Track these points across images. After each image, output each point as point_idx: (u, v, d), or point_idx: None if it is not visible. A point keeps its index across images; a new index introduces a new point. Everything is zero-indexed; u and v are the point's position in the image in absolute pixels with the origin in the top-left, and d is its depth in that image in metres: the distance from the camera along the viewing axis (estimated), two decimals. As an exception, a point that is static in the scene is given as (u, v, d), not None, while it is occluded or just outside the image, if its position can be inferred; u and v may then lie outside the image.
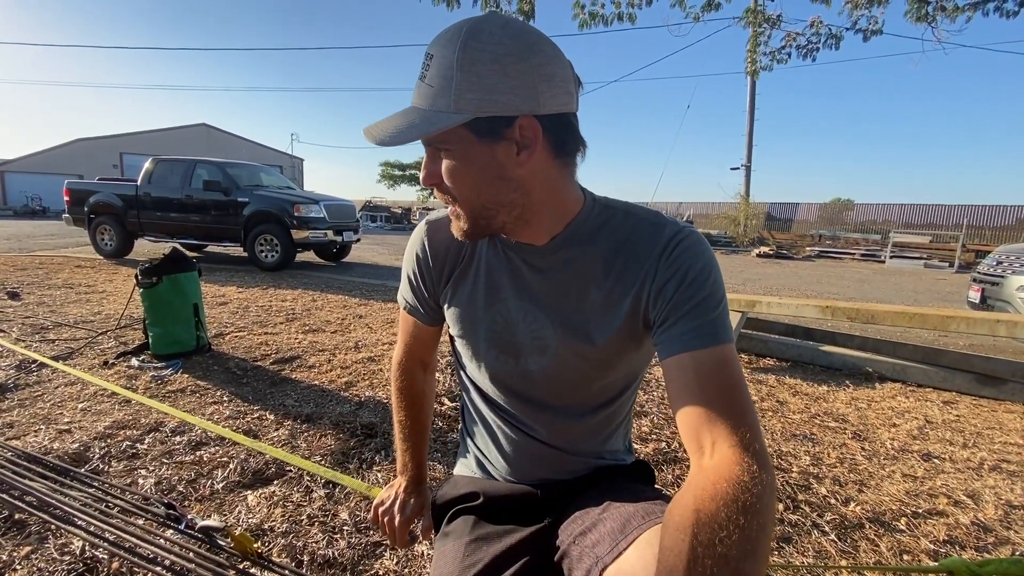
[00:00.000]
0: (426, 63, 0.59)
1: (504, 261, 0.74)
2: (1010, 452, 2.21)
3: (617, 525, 0.63)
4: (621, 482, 0.77)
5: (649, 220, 0.69)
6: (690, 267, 0.63)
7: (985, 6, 3.78)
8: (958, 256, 13.11)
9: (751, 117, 18.56)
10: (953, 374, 3.02)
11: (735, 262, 12.86)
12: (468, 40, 0.56)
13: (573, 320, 0.70)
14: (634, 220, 0.69)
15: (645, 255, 0.66)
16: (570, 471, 0.79)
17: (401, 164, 33.91)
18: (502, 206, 0.65)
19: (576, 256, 0.70)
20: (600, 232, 0.70)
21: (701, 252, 0.65)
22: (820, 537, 1.57)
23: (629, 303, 0.67)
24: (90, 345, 3.24)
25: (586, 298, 0.69)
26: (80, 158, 28.78)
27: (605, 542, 0.62)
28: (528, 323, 0.72)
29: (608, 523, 0.65)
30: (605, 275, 0.69)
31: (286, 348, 3.37)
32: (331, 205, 7.62)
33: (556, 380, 0.74)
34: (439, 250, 0.78)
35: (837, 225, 19.29)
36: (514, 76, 0.56)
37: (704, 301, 0.62)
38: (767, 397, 2.78)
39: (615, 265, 0.68)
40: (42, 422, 2.12)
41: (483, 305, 0.75)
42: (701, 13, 4.50)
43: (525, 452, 0.78)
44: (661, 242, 0.66)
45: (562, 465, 0.78)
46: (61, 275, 5.99)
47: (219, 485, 1.71)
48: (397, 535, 0.87)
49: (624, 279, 0.67)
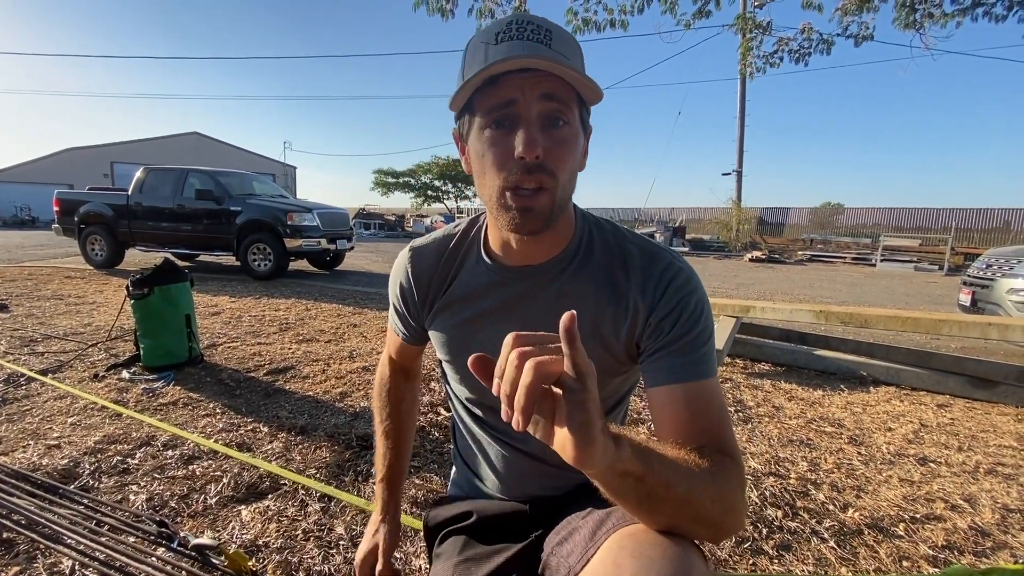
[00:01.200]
0: (544, 33, 0.58)
1: (492, 286, 0.72)
2: (1005, 455, 2.22)
3: (589, 532, 0.63)
4: None
5: (641, 248, 0.69)
6: (687, 304, 0.65)
7: (974, 11, 3.84)
8: (947, 259, 13.25)
9: (742, 123, 18.74)
10: (946, 377, 3.03)
11: (728, 267, 12.93)
12: (572, 35, 0.61)
13: None
14: (627, 246, 0.70)
15: (641, 286, 0.67)
16: (561, 487, 0.78)
17: (394, 172, 33.85)
18: (569, 200, 0.65)
19: (569, 282, 0.70)
20: (592, 257, 0.70)
21: (696, 287, 0.67)
22: (820, 544, 1.56)
23: (625, 330, 0.68)
24: (80, 357, 3.20)
25: (582, 321, 0.69)
26: (70, 167, 28.59)
27: (577, 550, 0.62)
28: None
29: (582, 531, 0.65)
30: (598, 302, 0.68)
31: (279, 358, 3.34)
32: (324, 213, 7.60)
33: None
34: (422, 278, 0.77)
35: (828, 229, 19.46)
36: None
37: (698, 336, 0.64)
38: (763, 403, 2.78)
39: (608, 293, 0.68)
40: (31, 437, 2.08)
41: (471, 330, 0.74)
42: (692, 20, 4.55)
43: (516, 470, 0.78)
44: (656, 273, 0.67)
45: (552, 481, 0.78)
46: (50, 286, 5.92)
47: (212, 500, 1.68)
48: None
49: (618, 307, 0.68)
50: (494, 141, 0.59)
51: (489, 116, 0.59)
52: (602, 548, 0.58)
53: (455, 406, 0.85)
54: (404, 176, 33.56)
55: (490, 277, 0.72)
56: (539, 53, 0.56)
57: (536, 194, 0.59)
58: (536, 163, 0.58)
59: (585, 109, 0.62)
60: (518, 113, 0.58)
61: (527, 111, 0.58)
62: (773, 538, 1.58)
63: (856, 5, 4.03)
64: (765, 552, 1.52)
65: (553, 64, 0.55)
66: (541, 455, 0.76)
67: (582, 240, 0.70)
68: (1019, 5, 3.53)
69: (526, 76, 0.56)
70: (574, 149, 0.61)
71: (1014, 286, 4.25)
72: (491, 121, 0.59)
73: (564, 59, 0.57)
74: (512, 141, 0.58)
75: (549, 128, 0.59)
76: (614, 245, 0.70)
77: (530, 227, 0.61)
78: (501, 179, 0.59)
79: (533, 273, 0.70)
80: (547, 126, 0.59)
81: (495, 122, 0.59)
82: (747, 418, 2.55)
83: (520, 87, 0.57)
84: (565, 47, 0.59)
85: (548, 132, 0.58)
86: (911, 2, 3.79)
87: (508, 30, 0.58)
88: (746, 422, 2.50)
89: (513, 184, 0.59)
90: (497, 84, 0.57)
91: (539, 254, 0.69)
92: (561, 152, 0.59)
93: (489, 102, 0.59)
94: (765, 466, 2.04)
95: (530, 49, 0.56)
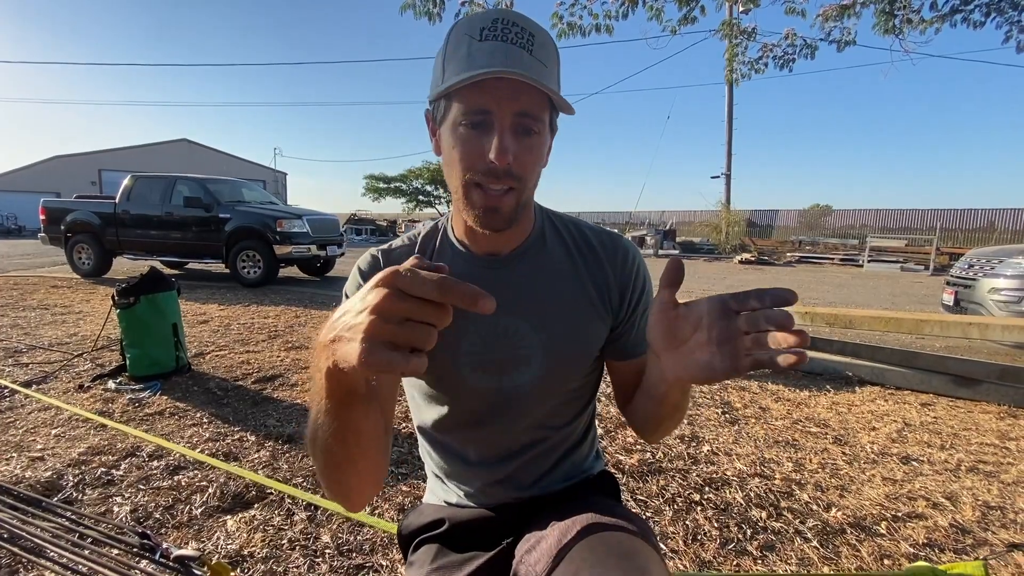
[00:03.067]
0: (527, 38, 0.59)
1: (466, 271, 0.73)
2: (986, 453, 2.26)
3: (555, 540, 0.65)
4: (580, 495, 0.77)
5: (597, 228, 0.79)
6: (646, 276, 0.77)
7: (952, 17, 3.92)
8: (933, 259, 13.42)
9: (730, 127, 18.92)
10: (930, 376, 3.08)
11: (718, 268, 13.02)
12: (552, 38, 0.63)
13: (553, 322, 0.72)
14: (581, 225, 0.79)
15: (607, 258, 0.75)
16: (535, 490, 0.78)
17: (386, 177, 33.81)
18: (532, 197, 0.69)
19: (539, 263, 0.74)
20: (556, 237, 0.77)
21: (644, 262, 0.79)
22: (803, 544, 1.58)
23: (599, 299, 0.74)
24: (65, 368, 3.17)
25: (561, 299, 0.73)
26: (57, 175, 28.30)
27: (544, 559, 0.63)
28: (509, 337, 0.71)
29: (549, 539, 0.66)
30: (573, 276, 0.74)
31: (268, 366, 3.32)
32: (314, 220, 7.58)
33: (536, 391, 0.73)
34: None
35: (816, 230, 19.66)
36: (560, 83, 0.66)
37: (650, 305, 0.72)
38: (750, 404, 2.81)
39: (579, 266, 0.75)
40: (14, 450, 2.06)
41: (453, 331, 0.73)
42: (678, 26, 4.60)
43: (487, 476, 0.77)
44: (620, 249, 0.76)
45: (526, 486, 0.78)
46: (36, 296, 5.86)
47: (197, 511, 1.67)
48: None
49: (592, 278, 0.75)
50: (467, 139, 0.61)
51: (465, 115, 0.61)
52: (566, 559, 0.60)
53: (421, 415, 0.81)
54: (395, 181, 33.49)
55: (463, 263, 0.73)
56: (520, 64, 0.58)
57: (504, 195, 0.63)
58: (505, 169, 0.60)
59: (555, 112, 0.66)
60: (493, 120, 0.60)
61: (502, 119, 0.60)
62: (757, 539, 1.60)
63: (837, 11, 4.10)
64: (749, 553, 1.54)
65: (532, 80, 0.57)
66: (516, 462, 0.76)
67: (543, 229, 0.76)
68: (996, 11, 3.60)
69: (506, 83, 0.58)
70: (541, 155, 0.65)
71: (995, 285, 4.33)
72: (467, 120, 0.61)
73: (543, 67, 0.60)
74: (484, 143, 0.60)
75: (521, 136, 0.61)
76: (573, 231, 0.78)
77: (494, 225, 0.65)
78: (469, 174, 0.62)
79: (502, 261, 0.73)
80: (519, 133, 0.61)
81: (471, 122, 0.61)
82: (734, 420, 2.57)
83: (497, 97, 0.59)
84: (545, 55, 0.61)
85: (519, 139, 0.61)
86: (891, 8, 3.86)
87: (493, 27, 0.59)
88: (733, 423, 2.52)
89: (479, 182, 0.62)
90: (477, 87, 0.59)
91: (504, 244, 0.73)
92: (529, 159, 0.62)
93: (466, 102, 0.60)
94: (751, 467, 2.06)
95: (513, 57, 0.58)
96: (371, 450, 0.53)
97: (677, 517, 1.71)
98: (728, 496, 1.85)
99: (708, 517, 1.71)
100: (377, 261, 0.74)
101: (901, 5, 3.87)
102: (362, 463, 0.53)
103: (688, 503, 1.80)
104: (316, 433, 0.50)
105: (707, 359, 0.50)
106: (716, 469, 2.05)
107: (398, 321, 0.36)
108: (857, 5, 4.01)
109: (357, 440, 0.50)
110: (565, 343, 0.72)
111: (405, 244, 0.78)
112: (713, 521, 1.69)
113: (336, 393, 0.45)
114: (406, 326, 0.36)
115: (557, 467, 0.79)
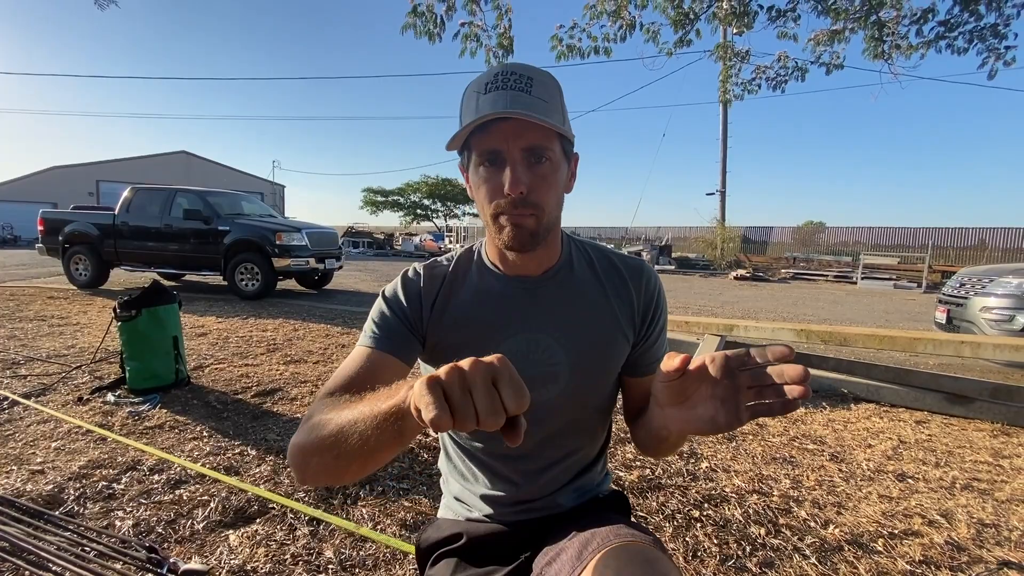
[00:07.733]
0: (525, 81, 0.67)
1: (498, 291, 0.78)
2: (980, 470, 2.28)
3: (575, 552, 0.67)
4: (594, 512, 0.80)
5: (620, 257, 0.84)
6: (664, 298, 0.84)
7: (937, 43, 4.04)
8: (925, 276, 13.57)
9: (724, 145, 19.19)
10: (924, 394, 3.12)
11: (713, 284, 13.10)
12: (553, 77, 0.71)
13: (580, 341, 0.77)
14: (606, 251, 0.85)
15: (631, 281, 0.81)
16: (550, 508, 0.81)
17: (384, 190, 33.98)
18: (556, 222, 0.75)
19: (568, 284, 0.79)
20: (583, 261, 0.82)
21: (663, 286, 0.85)
22: (801, 561, 1.60)
23: (624, 319, 0.79)
24: (64, 380, 3.16)
25: (588, 319, 0.78)
26: (55, 186, 28.24)
27: (565, 569, 0.66)
28: (539, 353, 0.76)
29: (569, 551, 0.68)
30: (599, 297, 0.79)
31: (267, 380, 3.32)
32: (313, 232, 7.61)
33: (561, 407, 0.77)
34: (435, 282, 0.79)
35: (810, 247, 19.83)
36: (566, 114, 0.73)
37: (664, 326, 0.84)
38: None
39: (605, 288, 0.80)
40: (13, 463, 2.06)
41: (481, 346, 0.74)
42: (674, 48, 4.71)
43: (506, 493, 0.80)
44: (644, 273, 0.82)
45: (543, 503, 0.81)
46: (33, 307, 5.84)
47: (200, 525, 1.68)
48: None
49: (618, 299, 0.80)
50: (486, 177, 0.70)
51: (481, 156, 0.69)
52: (588, 567, 0.62)
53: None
54: (393, 195, 33.70)
55: (496, 282, 0.79)
56: (519, 104, 0.65)
57: (526, 219, 0.70)
58: (521, 198, 0.67)
59: (567, 140, 0.72)
60: (505, 158, 0.68)
61: (512, 155, 0.67)
62: (756, 555, 1.62)
63: (828, 36, 4.22)
64: (749, 569, 1.55)
65: (527, 115, 0.64)
66: (533, 480, 0.79)
67: (571, 254, 0.82)
68: (978, 38, 3.73)
69: (510, 123, 0.66)
70: (556, 181, 0.71)
71: (987, 304, 4.39)
72: (483, 160, 0.69)
73: (543, 103, 0.67)
74: (501, 178, 0.68)
75: (533, 165, 0.68)
76: (599, 256, 0.84)
77: (521, 243, 0.70)
78: (493, 207, 0.70)
79: (533, 282, 0.79)
80: (531, 162, 0.68)
81: (487, 161, 0.69)
82: (731, 436, 2.59)
83: (504, 135, 0.67)
84: (544, 92, 0.68)
85: (532, 168, 0.68)
86: (879, 35, 3.98)
87: (495, 81, 0.67)
88: (730, 440, 2.55)
89: (503, 212, 0.70)
90: (486, 131, 0.67)
91: (534, 267, 0.78)
92: (542, 186, 0.69)
93: (480, 146, 0.69)
94: (749, 484, 2.08)
95: (512, 99, 0.66)
96: (371, 466, 0.56)
97: (677, 533, 1.73)
98: (727, 513, 1.87)
99: (708, 533, 1.73)
100: (418, 275, 0.81)
101: (889, 32, 3.99)
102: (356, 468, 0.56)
103: (688, 519, 1.82)
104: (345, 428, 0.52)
105: (711, 414, 0.55)
106: (715, 486, 2.07)
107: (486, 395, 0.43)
108: (846, 31, 4.13)
109: (376, 457, 0.54)
110: (591, 361, 0.77)
111: (443, 264, 0.83)
112: (713, 538, 1.71)
113: (410, 430, 0.49)
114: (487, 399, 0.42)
115: (572, 483, 0.82)
